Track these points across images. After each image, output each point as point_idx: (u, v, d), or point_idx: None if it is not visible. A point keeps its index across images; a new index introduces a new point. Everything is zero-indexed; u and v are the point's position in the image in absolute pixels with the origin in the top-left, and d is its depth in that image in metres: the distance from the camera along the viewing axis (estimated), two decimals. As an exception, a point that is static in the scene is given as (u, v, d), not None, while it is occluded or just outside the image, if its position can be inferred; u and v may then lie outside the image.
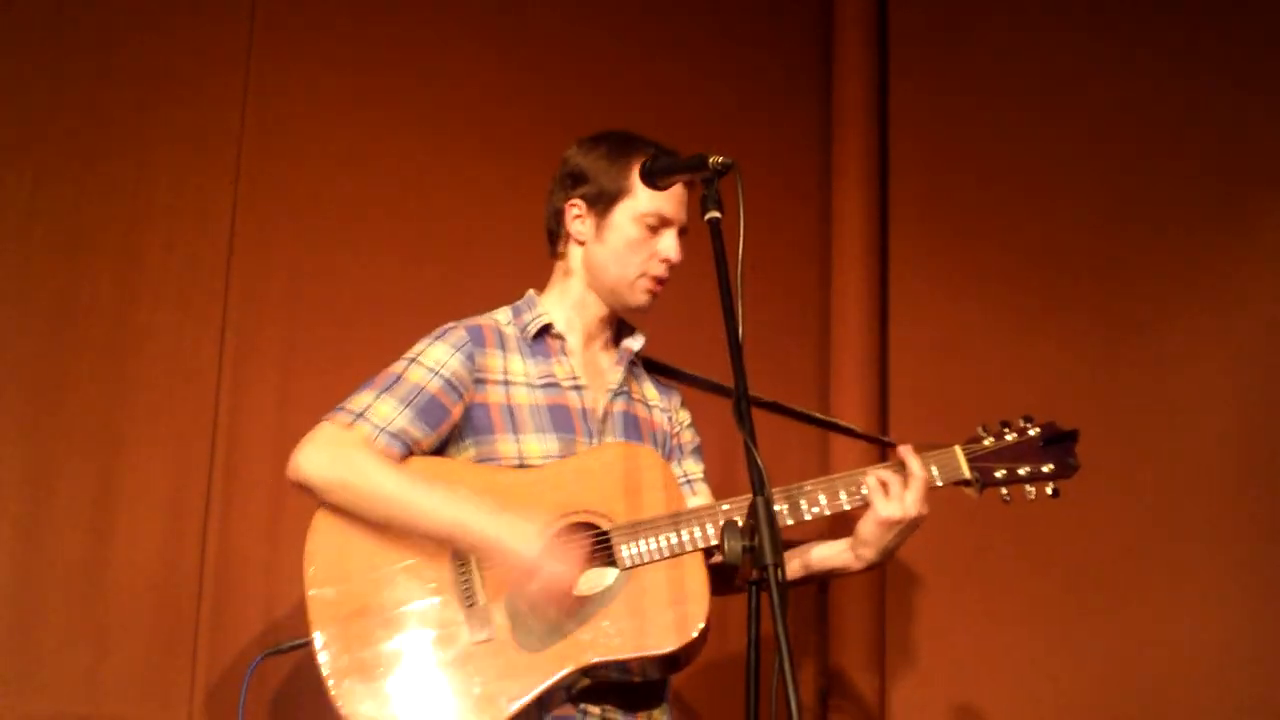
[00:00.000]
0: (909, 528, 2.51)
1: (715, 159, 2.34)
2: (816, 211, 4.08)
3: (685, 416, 2.80)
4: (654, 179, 2.48)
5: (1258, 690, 3.28)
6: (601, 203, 2.62)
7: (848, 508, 2.52)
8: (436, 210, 3.54)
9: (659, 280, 2.64)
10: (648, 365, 2.80)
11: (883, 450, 3.35)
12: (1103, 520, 3.52)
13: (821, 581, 2.75)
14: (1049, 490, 2.54)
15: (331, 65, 3.48)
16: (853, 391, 3.87)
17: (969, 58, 4.04)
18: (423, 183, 3.54)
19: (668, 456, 2.71)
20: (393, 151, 3.52)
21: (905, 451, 2.52)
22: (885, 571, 3.82)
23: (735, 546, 2.01)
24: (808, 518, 2.52)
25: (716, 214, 2.32)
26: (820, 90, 4.16)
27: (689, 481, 2.73)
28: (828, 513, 2.52)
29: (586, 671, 2.37)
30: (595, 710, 2.43)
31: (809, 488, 2.51)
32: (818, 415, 3.09)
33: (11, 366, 3.04)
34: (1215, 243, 3.55)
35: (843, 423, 3.16)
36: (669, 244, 2.63)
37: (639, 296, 2.64)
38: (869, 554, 2.53)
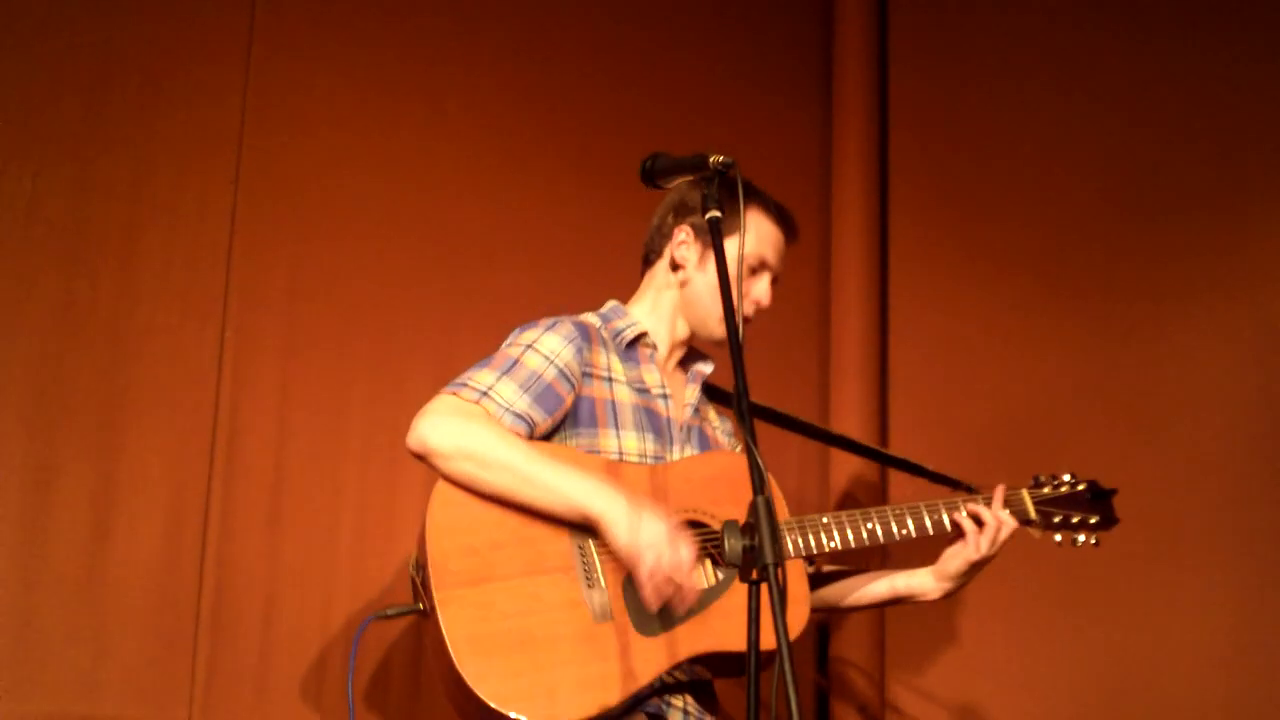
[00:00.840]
0: (980, 569, 2.81)
1: (715, 159, 2.35)
2: (816, 211, 4.08)
3: (736, 445, 2.89)
4: (655, 179, 2.48)
5: (1258, 690, 3.28)
6: (710, 235, 2.58)
7: (930, 534, 2.78)
8: (437, 210, 3.54)
9: (745, 320, 2.72)
10: (708, 390, 2.89)
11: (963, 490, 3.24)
12: (1103, 520, 3.52)
13: (892, 604, 2.96)
14: (1093, 540, 2.91)
15: (332, 65, 3.48)
16: (853, 391, 3.87)
17: (969, 56, 4.04)
18: (423, 182, 3.54)
19: None
20: (393, 151, 3.52)
21: (997, 495, 2.81)
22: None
23: (735, 546, 2.01)
24: (896, 538, 2.72)
25: (717, 214, 2.32)
26: (820, 89, 4.16)
27: None
28: (913, 536, 2.75)
29: (696, 661, 2.45)
30: (678, 703, 2.50)
31: (898, 511, 2.75)
32: (888, 453, 3.29)
33: (12, 366, 3.03)
34: (1217, 241, 3.55)
35: (918, 463, 3.16)
36: (763, 289, 2.77)
37: (723, 331, 2.65)
38: (950, 586, 2.83)
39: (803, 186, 4.10)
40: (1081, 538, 2.90)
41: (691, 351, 2.87)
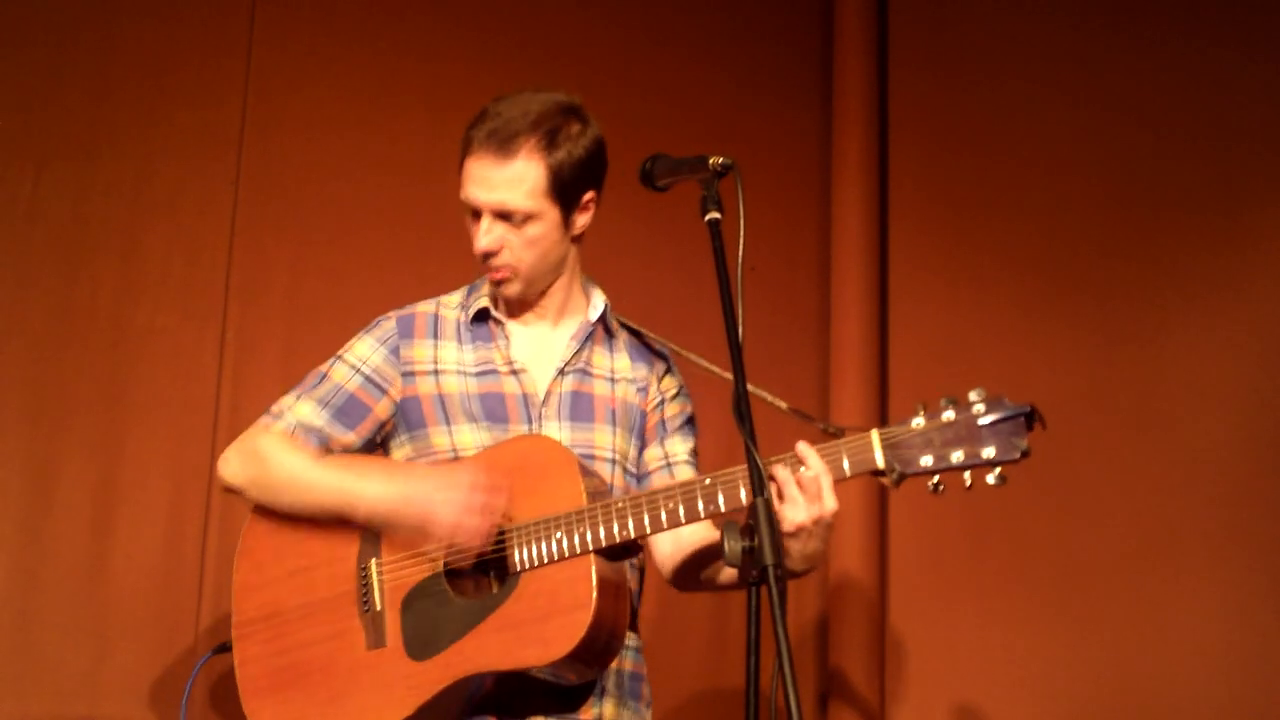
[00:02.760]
0: (824, 529, 2.16)
1: (715, 159, 2.32)
2: (816, 211, 4.08)
3: (670, 385, 2.60)
4: (654, 180, 2.47)
5: (1259, 689, 3.28)
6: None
7: (723, 510, 2.22)
8: (437, 209, 3.53)
9: (490, 269, 2.46)
10: (631, 331, 2.63)
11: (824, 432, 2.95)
12: (1102, 519, 3.52)
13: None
14: (991, 479, 2.10)
15: (332, 66, 3.48)
16: (853, 391, 3.87)
17: (969, 57, 4.04)
18: (423, 182, 3.53)
19: (644, 436, 2.54)
20: (393, 151, 3.52)
21: (803, 447, 2.17)
22: (885, 572, 3.83)
23: (735, 547, 2.00)
24: (665, 528, 2.25)
25: (716, 214, 2.31)
26: (820, 90, 4.16)
27: (669, 465, 2.53)
28: (698, 518, 2.24)
29: (480, 680, 2.26)
30: None
31: (662, 496, 2.24)
32: (765, 394, 2.57)
33: (12, 366, 3.04)
34: (1217, 240, 3.55)
35: (778, 401, 2.57)
36: (475, 233, 2.45)
37: (491, 286, 2.51)
38: (790, 565, 2.16)
39: (803, 187, 4.10)
40: (969, 478, 2.11)
41: (585, 296, 2.58)
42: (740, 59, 4.10)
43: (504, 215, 2.42)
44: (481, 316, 2.52)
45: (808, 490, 2.13)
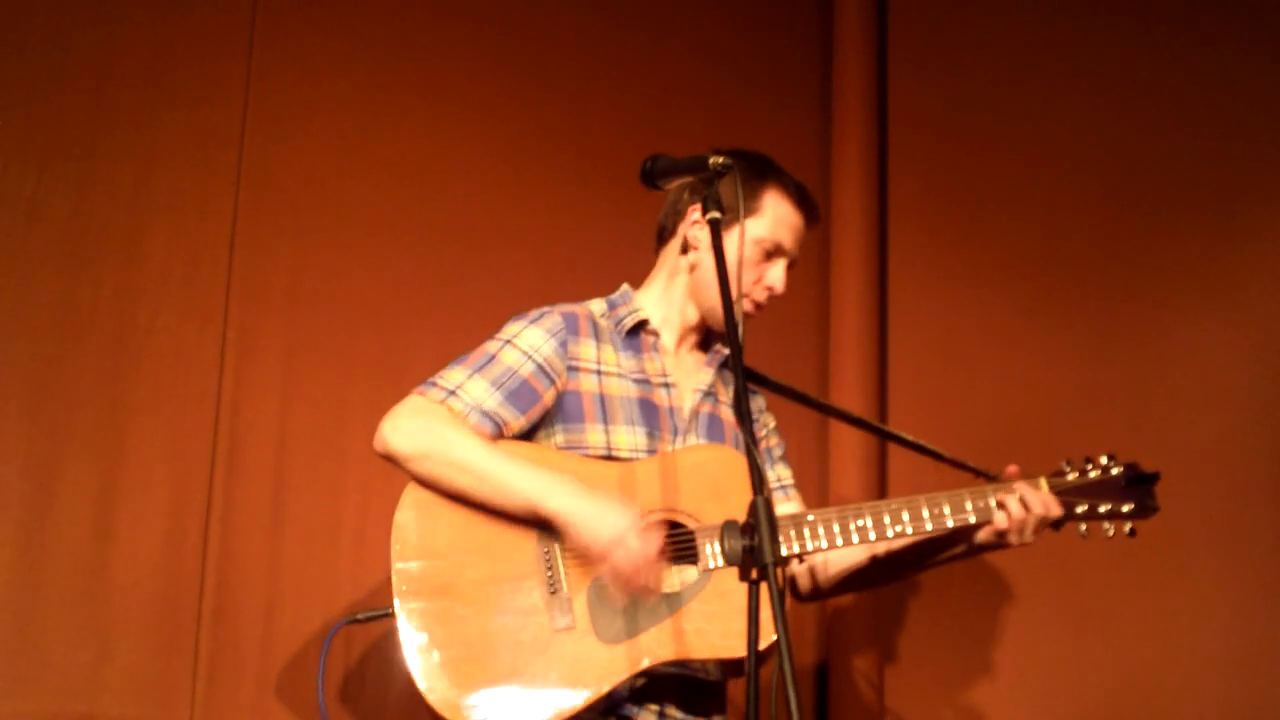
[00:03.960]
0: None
1: (715, 159, 2.34)
2: (816, 211, 4.08)
3: (769, 419, 2.82)
4: (654, 180, 2.47)
5: (1259, 689, 3.28)
6: (725, 216, 2.48)
7: (972, 521, 2.57)
8: (437, 209, 3.54)
9: (758, 305, 2.68)
10: (752, 378, 2.81)
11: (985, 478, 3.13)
12: (1102, 520, 3.52)
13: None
14: (1127, 529, 2.62)
15: (333, 65, 3.48)
16: (853, 391, 3.87)
17: (969, 57, 4.04)
18: (423, 182, 3.54)
19: None
20: (393, 151, 3.53)
21: (1021, 485, 2.58)
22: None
23: (735, 546, 2.01)
24: (929, 527, 2.56)
25: (717, 214, 2.32)
26: (820, 90, 4.17)
27: (782, 487, 2.75)
28: (949, 525, 2.57)
29: (655, 668, 2.37)
30: (654, 708, 2.44)
31: (931, 498, 2.57)
32: (908, 437, 3.01)
33: (13, 366, 3.04)
34: (1217, 241, 3.55)
35: (948, 454, 2.98)
36: (777, 274, 2.68)
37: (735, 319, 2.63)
38: (964, 555, 2.66)
39: (803, 187, 4.10)
40: (1110, 528, 2.63)
41: (713, 332, 2.77)
42: (740, 59, 4.10)
43: (791, 265, 2.72)
44: (636, 329, 2.65)
45: (1024, 525, 2.55)
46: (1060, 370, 3.66)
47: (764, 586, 2.24)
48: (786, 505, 2.71)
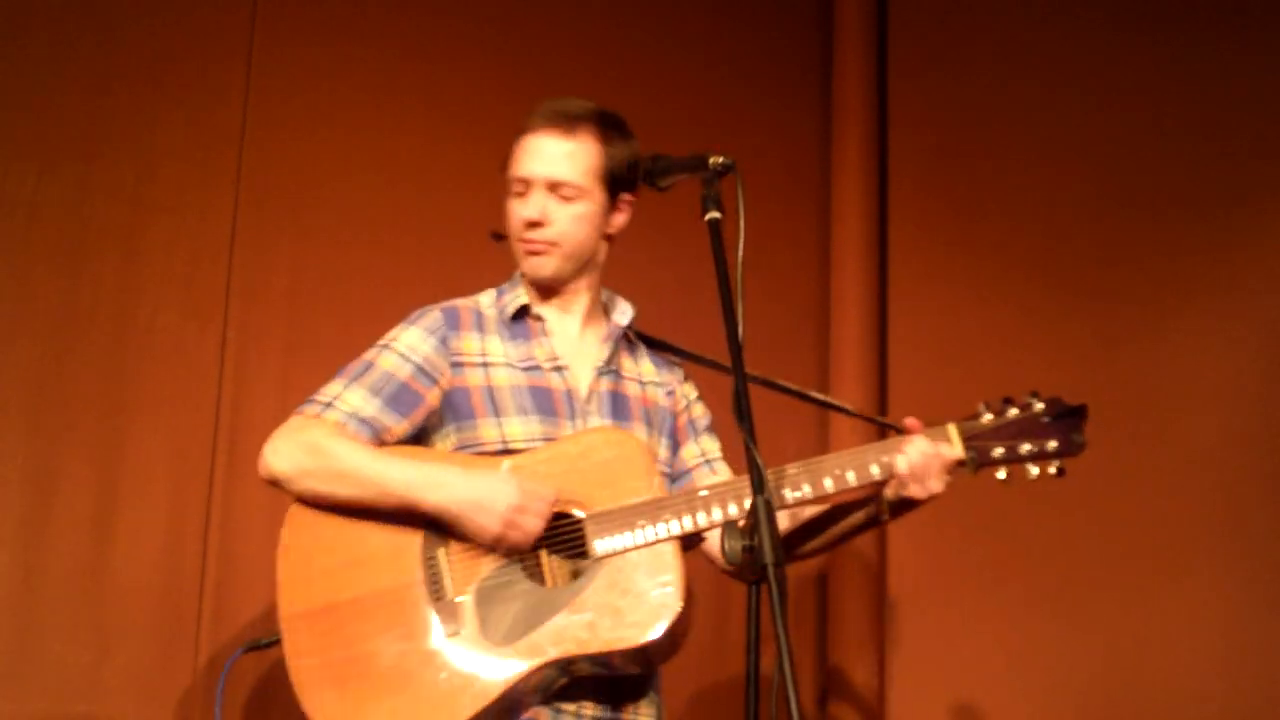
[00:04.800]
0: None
1: (715, 159, 2.33)
2: (816, 211, 4.08)
3: (691, 391, 2.71)
4: (653, 179, 2.47)
5: (1258, 689, 3.28)
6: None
7: (875, 475, 2.40)
8: (437, 209, 3.54)
9: (528, 241, 2.51)
10: (648, 342, 2.72)
11: (881, 431, 3.23)
12: (1103, 518, 3.53)
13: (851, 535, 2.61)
14: (1053, 470, 2.38)
15: (332, 65, 3.49)
16: (853, 390, 3.87)
17: (969, 57, 4.04)
18: (423, 182, 3.54)
19: (675, 436, 2.63)
20: (393, 151, 3.53)
21: (920, 434, 2.43)
22: (885, 571, 3.83)
23: (735, 547, 2.00)
24: (830, 488, 2.40)
25: (716, 214, 2.31)
26: (820, 90, 4.17)
27: (708, 461, 2.64)
28: (851, 485, 2.39)
29: (560, 667, 2.30)
30: (570, 708, 2.36)
31: (830, 463, 2.40)
32: (815, 394, 2.92)
33: (13, 366, 3.04)
34: (1217, 241, 3.55)
35: (847, 405, 2.99)
36: (521, 207, 2.50)
37: (522, 261, 2.55)
38: (887, 519, 2.46)
39: (802, 187, 4.10)
40: (1034, 470, 2.38)
41: (612, 302, 2.66)
42: (740, 59, 4.10)
43: (554, 187, 2.50)
44: (520, 314, 2.56)
45: (924, 473, 2.37)
46: (1060, 370, 3.65)
47: (757, 587, 2.20)
48: (713, 479, 2.59)
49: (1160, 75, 3.69)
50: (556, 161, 2.50)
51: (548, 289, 2.57)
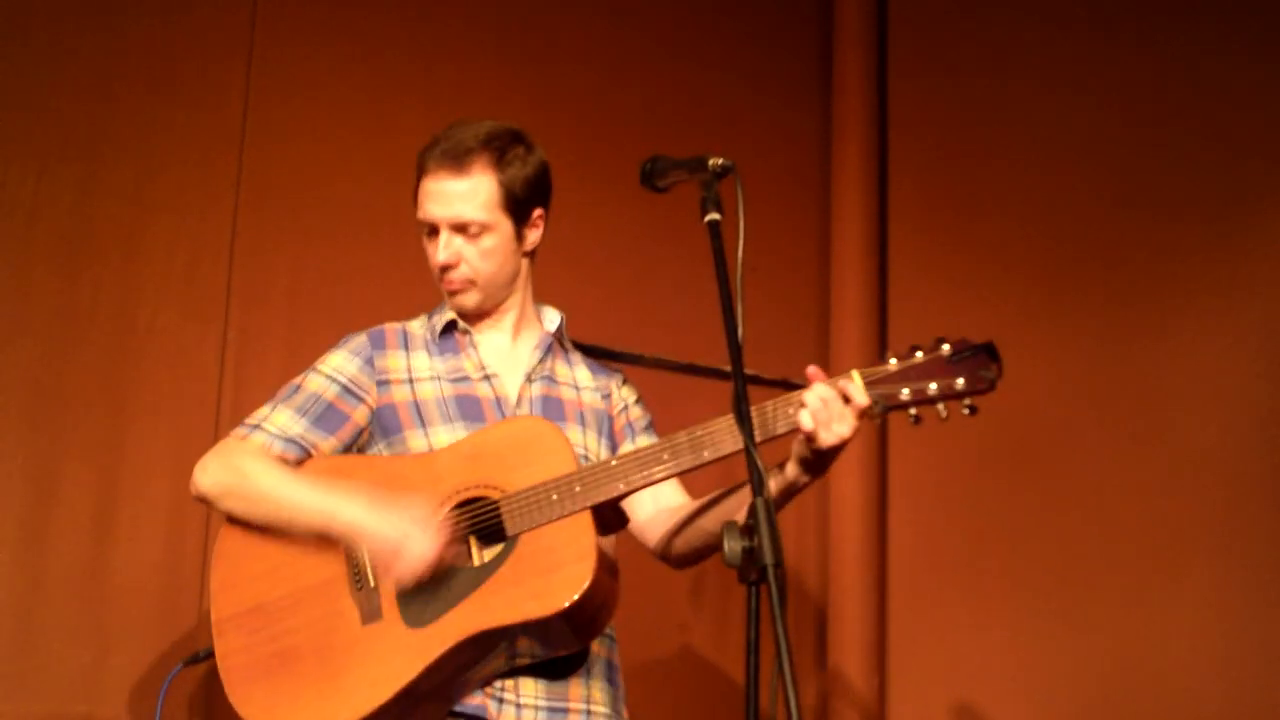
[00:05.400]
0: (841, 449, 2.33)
1: (715, 160, 2.33)
2: (816, 211, 4.08)
3: (629, 394, 2.72)
4: (654, 181, 2.47)
5: (1258, 689, 3.28)
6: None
7: (780, 431, 2.32)
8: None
9: (447, 283, 2.55)
10: (583, 349, 2.74)
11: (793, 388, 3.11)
12: (1103, 518, 3.53)
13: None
14: (964, 408, 2.31)
15: (332, 66, 3.49)
16: (853, 391, 3.87)
17: (969, 58, 4.04)
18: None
19: (614, 437, 2.65)
20: (394, 151, 3.51)
21: (821, 380, 2.35)
22: (885, 572, 3.83)
23: (735, 548, 2.00)
24: (660, 479, 2.35)
25: (716, 215, 2.31)
26: (820, 90, 4.17)
27: None
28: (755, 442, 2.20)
29: (488, 648, 2.31)
30: (510, 696, 2.36)
31: (653, 453, 2.35)
32: (704, 365, 2.86)
33: (14, 367, 3.04)
34: (1217, 242, 3.55)
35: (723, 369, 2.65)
36: (433, 249, 2.55)
37: (447, 300, 2.60)
38: (807, 478, 2.37)
39: (802, 188, 4.10)
40: (944, 410, 2.32)
41: (537, 313, 2.69)
42: (740, 59, 4.10)
43: (460, 228, 2.53)
44: (448, 329, 2.60)
45: (829, 420, 2.28)
46: (1060, 370, 3.66)
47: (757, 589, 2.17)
48: None
49: (1160, 75, 3.69)
50: (454, 202, 2.52)
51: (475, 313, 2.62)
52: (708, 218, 2.32)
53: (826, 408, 2.30)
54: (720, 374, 2.89)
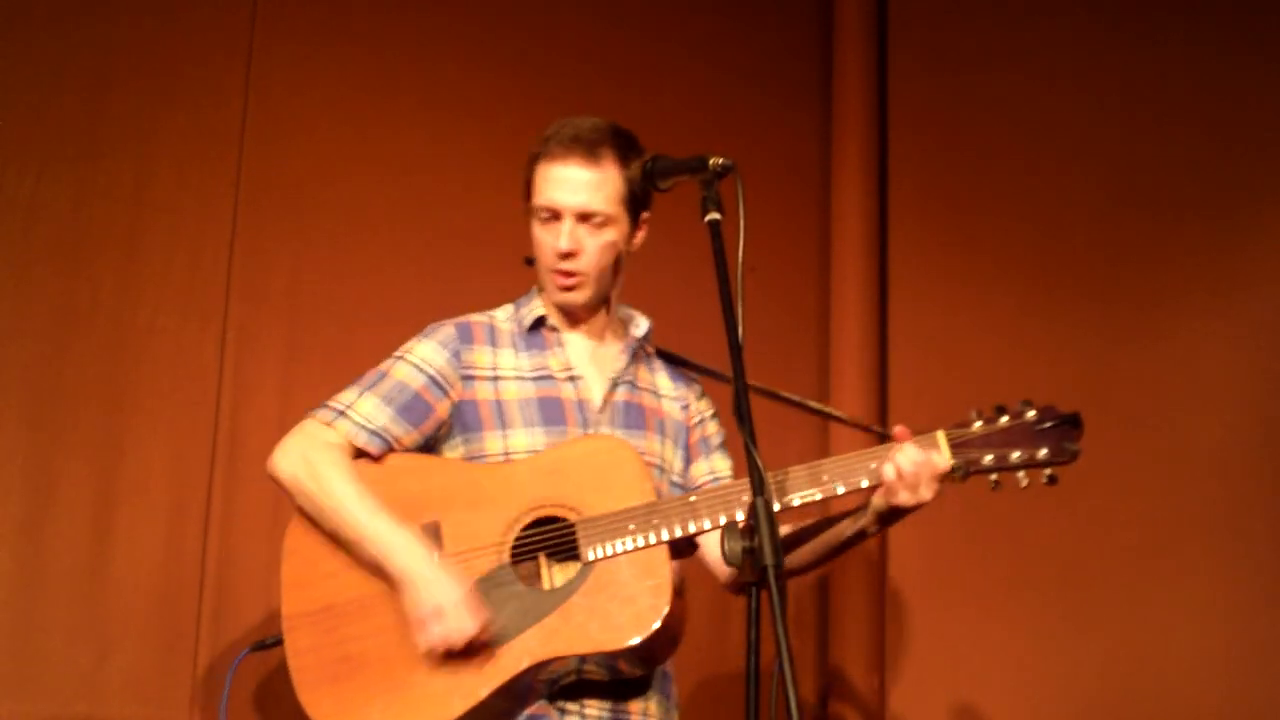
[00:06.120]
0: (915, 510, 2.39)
1: (715, 160, 2.33)
2: (816, 211, 4.08)
3: (706, 407, 2.74)
4: (654, 180, 2.48)
5: (1259, 689, 3.28)
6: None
7: (864, 485, 2.37)
8: (437, 210, 3.54)
9: (563, 274, 2.54)
10: (665, 357, 2.75)
11: (879, 439, 3.24)
12: (1103, 519, 3.53)
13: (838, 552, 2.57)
14: (1044, 478, 2.32)
15: (332, 65, 3.49)
16: (853, 391, 3.87)
17: (968, 58, 4.04)
18: (423, 182, 3.54)
19: (688, 450, 2.66)
20: (393, 151, 3.53)
21: (910, 442, 2.39)
22: (885, 571, 3.83)
23: (735, 548, 2.00)
24: (818, 500, 2.38)
25: (716, 215, 2.31)
26: (820, 90, 4.17)
27: (716, 479, 2.66)
28: (838, 495, 2.37)
29: (549, 667, 2.32)
30: (573, 707, 2.39)
31: (818, 472, 2.37)
32: (813, 404, 2.99)
33: (13, 367, 3.04)
34: (1217, 241, 3.55)
35: (837, 412, 3.09)
36: (551, 237, 2.53)
37: (554, 294, 2.58)
38: (877, 528, 2.44)
39: (802, 188, 4.10)
40: (1025, 479, 2.33)
41: (624, 317, 2.70)
42: (740, 59, 4.10)
43: (585, 217, 2.52)
44: (536, 325, 2.60)
45: (914, 482, 2.33)
46: (1060, 370, 3.66)
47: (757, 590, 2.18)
48: None
49: (1160, 75, 3.69)
50: (584, 191, 2.52)
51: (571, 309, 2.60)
52: (708, 217, 2.32)
53: (914, 472, 2.34)
54: (808, 408, 2.96)
